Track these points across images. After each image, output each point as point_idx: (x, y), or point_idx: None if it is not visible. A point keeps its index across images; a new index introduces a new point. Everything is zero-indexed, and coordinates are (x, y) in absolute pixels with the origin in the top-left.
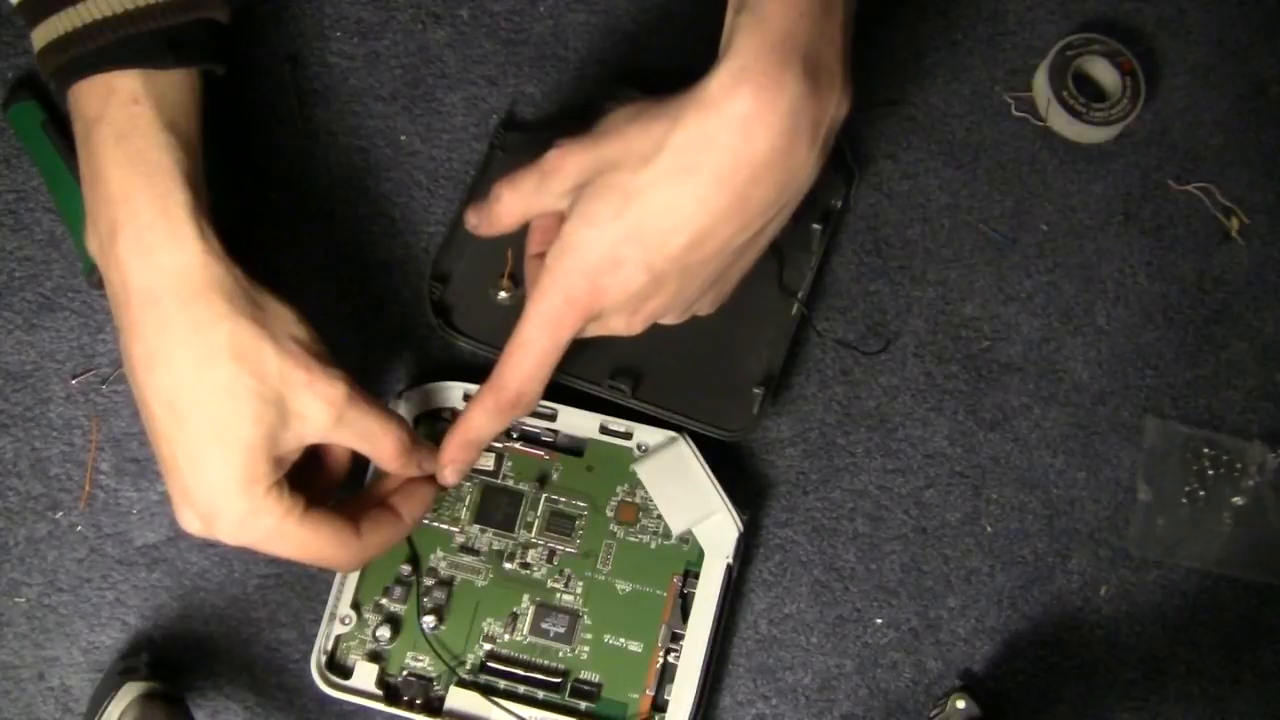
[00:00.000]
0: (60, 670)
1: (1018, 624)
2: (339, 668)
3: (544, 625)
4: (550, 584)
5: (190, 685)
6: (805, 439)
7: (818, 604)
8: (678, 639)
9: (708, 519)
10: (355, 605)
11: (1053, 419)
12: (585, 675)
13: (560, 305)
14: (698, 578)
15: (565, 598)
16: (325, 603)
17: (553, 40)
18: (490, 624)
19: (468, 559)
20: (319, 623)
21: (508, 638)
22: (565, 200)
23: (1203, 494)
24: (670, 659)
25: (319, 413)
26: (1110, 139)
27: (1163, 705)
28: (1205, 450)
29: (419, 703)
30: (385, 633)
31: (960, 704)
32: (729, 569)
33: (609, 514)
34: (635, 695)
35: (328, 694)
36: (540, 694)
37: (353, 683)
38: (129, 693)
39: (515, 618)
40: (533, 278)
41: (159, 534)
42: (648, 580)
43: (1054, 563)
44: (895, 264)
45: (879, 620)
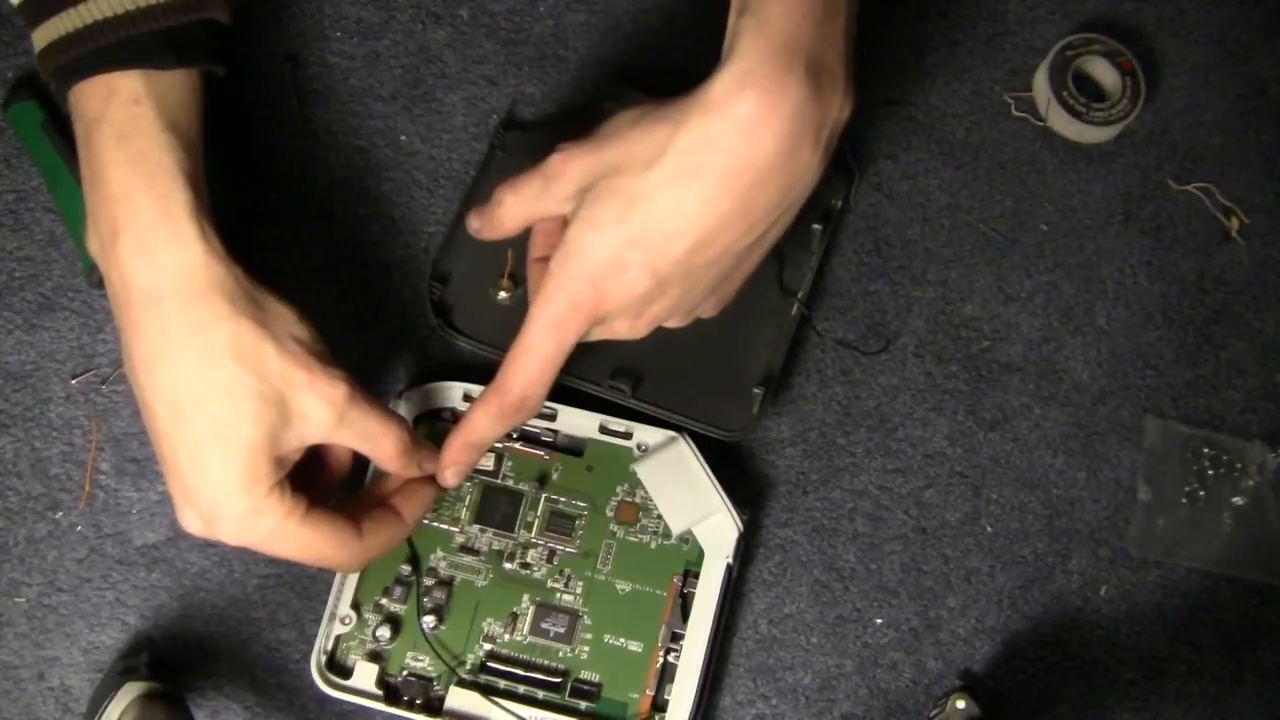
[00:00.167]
0: (60, 670)
1: (1018, 624)
2: (339, 668)
3: (544, 625)
4: (550, 584)
5: (190, 685)
6: (805, 439)
7: (818, 604)
8: (678, 639)
9: (708, 519)
10: (355, 605)
11: (1053, 419)
12: (585, 675)
13: (564, 309)
14: (698, 578)
15: (565, 598)
16: (325, 603)
17: (553, 40)
18: (490, 624)
19: (468, 559)
20: (319, 623)
21: (508, 638)
22: (568, 204)
23: (1203, 494)
24: (670, 659)
25: (320, 413)
26: (1110, 139)
27: (1163, 705)
28: (1205, 450)
29: (419, 703)
30: (385, 633)
31: (960, 704)
32: (729, 569)
33: (609, 514)
34: (635, 695)
35: (328, 694)
36: (540, 694)
37: (353, 683)
38: (129, 693)
39: (515, 618)
40: (536, 282)
41: (159, 534)
42: (648, 580)
43: (1054, 563)
44: (895, 264)
45: (879, 620)
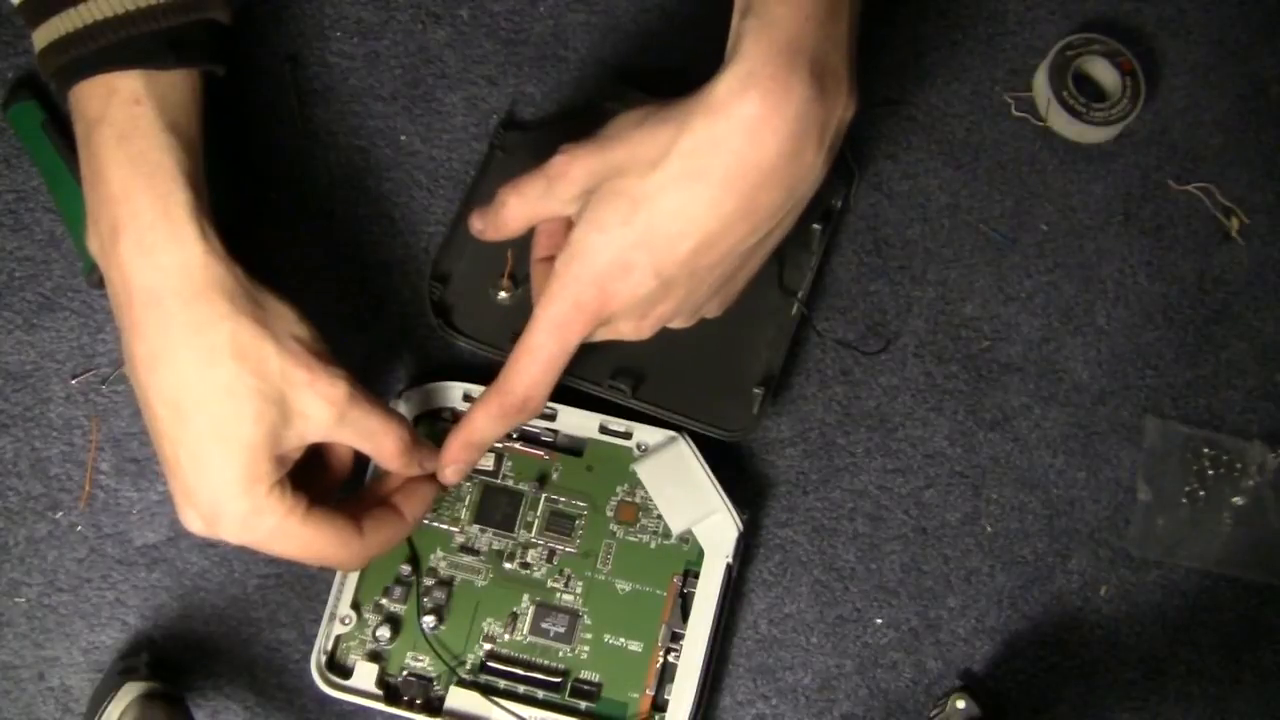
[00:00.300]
0: (60, 670)
1: (1018, 624)
2: (339, 668)
3: (544, 625)
4: (550, 584)
5: (190, 685)
6: (805, 439)
7: (818, 604)
8: (678, 639)
9: (707, 519)
10: (355, 605)
11: (1053, 419)
12: (585, 675)
13: (568, 311)
14: (698, 577)
15: (565, 597)
16: (325, 603)
17: (553, 40)
18: (490, 624)
19: (468, 559)
20: (319, 623)
21: (508, 638)
22: (572, 206)
23: (1203, 494)
24: (670, 659)
25: (321, 412)
26: (1110, 139)
27: (1163, 705)
28: (1205, 450)
29: (419, 703)
30: (385, 633)
31: (960, 704)
32: (729, 569)
33: (609, 514)
34: (635, 695)
35: (328, 694)
36: (540, 694)
37: (353, 683)
38: (129, 693)
39: (515, 618)
40: (539, 283)
41: (159, 534)
42: (648, 580)
43: (1054, 563)
44: (895, 264)
45: (879, 620)
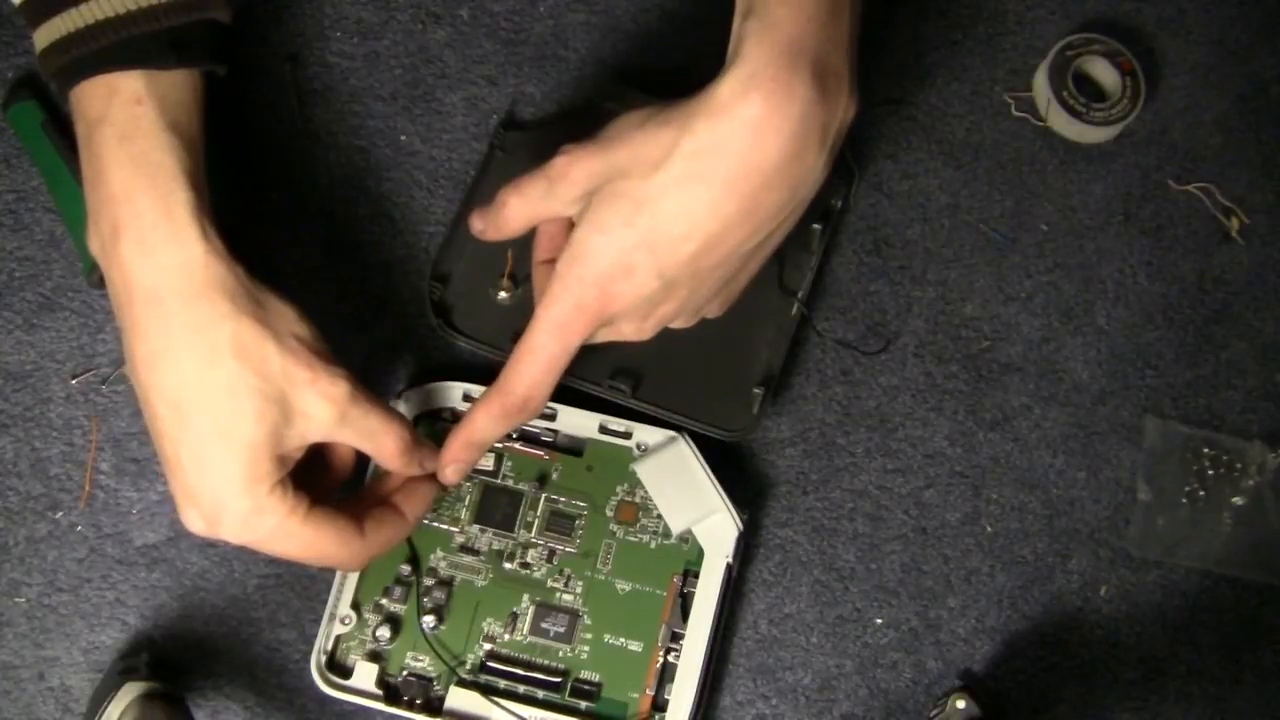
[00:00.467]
0: (60, 670)
1: (1018, 624)
2: (339, 668)
3: (544, 625)
4: (550, 584)
5: (190, 685)
6: (805, 439)
7: (818, 604)
8: (678, 638)
9: (707, 518)
10: (355, 605)
11: (1053, 419)
12: (585, 675)
13: (570, 312)
14: (698, 577)
15: (565, 597)
16: (325, 603)
17: (553, 40)
18: (490, 624)
19: (468, 559)
20: (319, 623)
21: (508, 638)
22: (573, 207)
23: (1203, 494)
24: (670, 658)
25: (322, 411)
26: (1110, 139)
27: (1163, 705)
28: (1205, 450)
29: (419, 703)
30: (385, 633)
31: (960, 704)
32: (729, 568)
33: (609, 514)
34: (635, 695)
35: (328, 694)
36: (540, 694)
37: (353, 683)
38: (129, 693)
39: (515, 618)
40: (541, 284)
41: (159, 534)
42: (647, 580)
43: (1054, 563)
44: (895, 264)
45: (879, 620)
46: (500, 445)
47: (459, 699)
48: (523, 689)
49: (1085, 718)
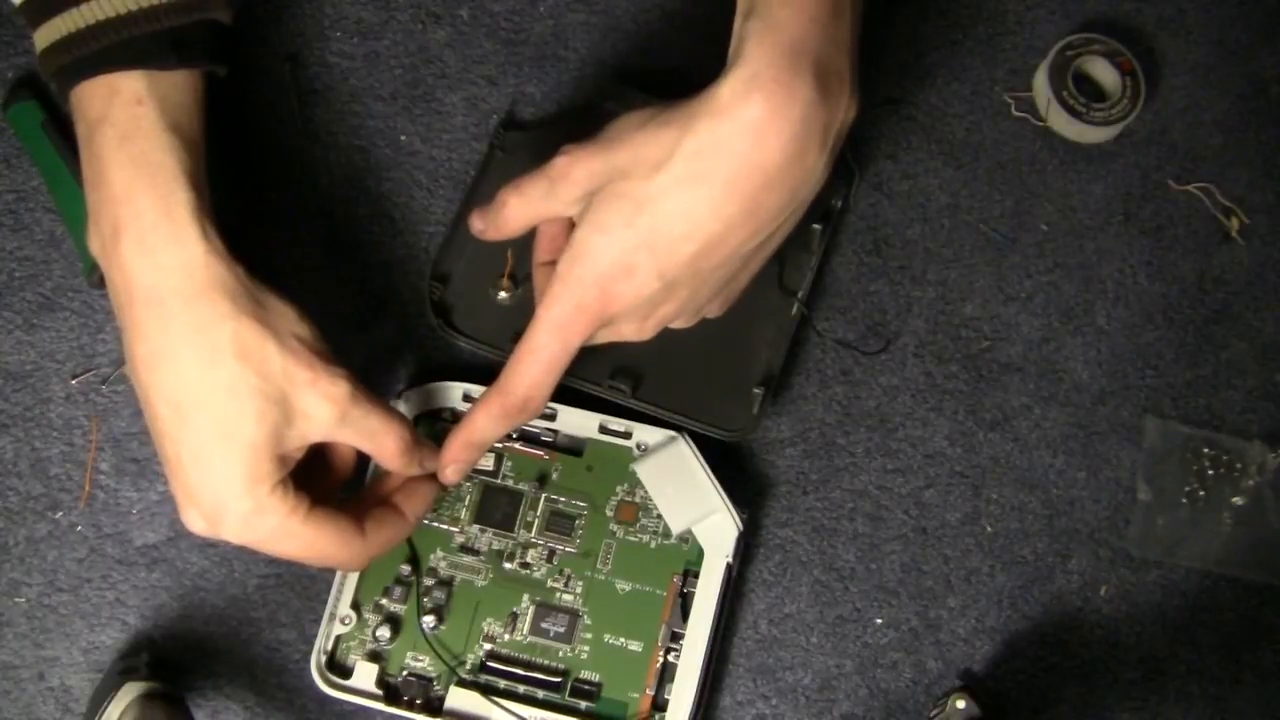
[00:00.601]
0: (60, 670)
1: (1018, 624)
2: (339, 668)
3: (544, 625)
4: (550, 584)
5: (190, 685)
6: (805, 439)
7: (818, 604)
8: (678, 638)
9: (707, 518)
10: (355, 605)
11: (1053, 419)
12: (585, 675)
13: (571, 312)
14: (697, 577)
15: (565, 597)
16: (325, 603)
17: (553, 40)
18: (490, 624)
19: (468, 559)
20: (319, 623)
21: (508, 637)
22: (574, 207)
23: (1203, 494)
24: (670, 658)
25: (322, 411)
26: (1110, 139)
27: (1163, 705)
28: (1205, 450)
29: (419, 703)
30: (385, 633)
31: (960, 704)
32: (729, 568)
33: (609, 514)
34: (635, 695)
35: (328, 694)
36: (540, 694)
37: (353, 683)
38: (129, 693)
39: (515, 617)
40: (541, 285)
41: (159, 534)
42: (647, 580)
43: (1054, 563)
44: (895, 264)
45: (879, 620)
46: (500, 445)
47: (459, 699)
48: (523, 689)
49: (1085, 718)
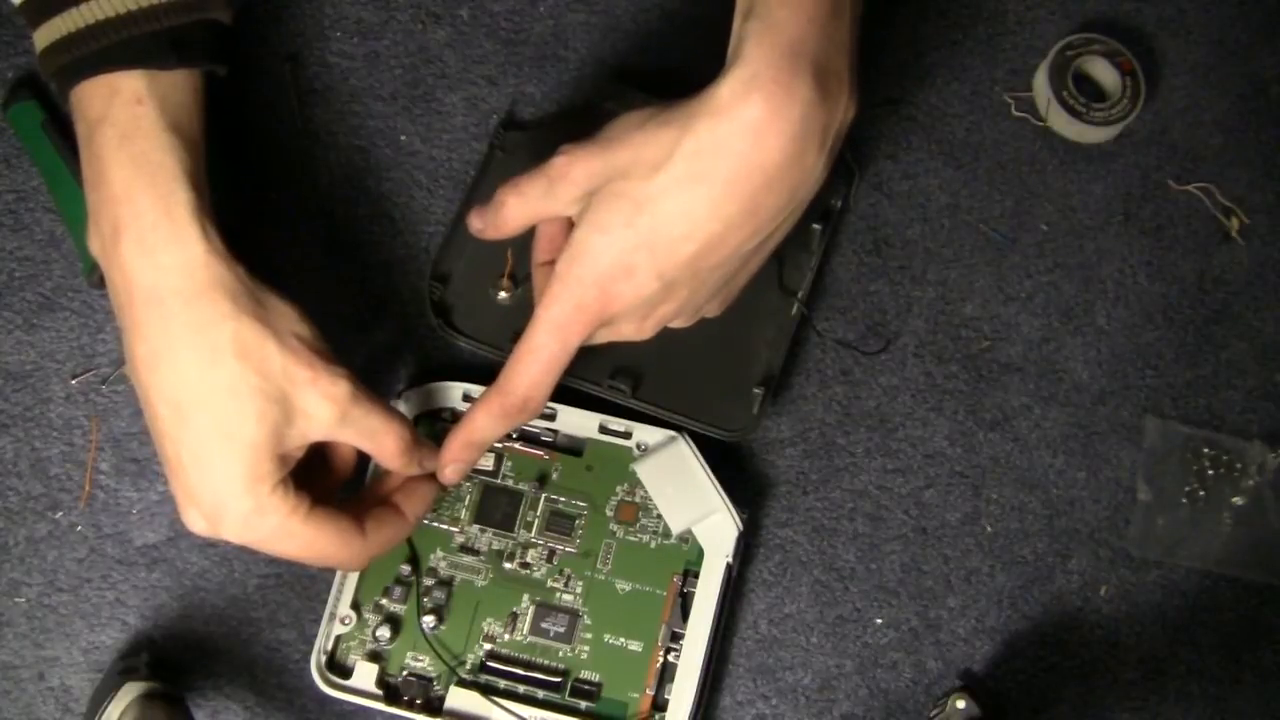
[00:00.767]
0: (60, 670)
1: (1018, 624)
2: (339, 668)
3: (544, 625)
4: (550, 584)
5: (190, 685)
6: (805, 439)
7: (818, 604)
8: (678, 638)
9: (707, 518)
10: (355, 605)
11: (1053, 419)
12: (585, 675)
13: (570, 312)
14: (697, 577)
15: (565, 597)
16: (325, 603)
17: (553, 40)
18: (490, 624)
19: (467, 559)
20: (319, 623)
21: (508, 637)
22: (573, 207)
23: (1203, 494)
24: (670, 658)
25: (323, 410)
26: (1110, 139)
27: (1163, 705)
28: (1205, 450)
29: (419, 703)
30: (385, 633)
31: (960, 704)
32: (729, 568)
33: (609, 514)
34: (635, 695)
35: (328, 694)
36: (540, 694)
37: (353, 683)
38: (129, 693)
39: (515, 617)
40: (541, 285)
41: (159, 534)
42: (647, 580)
43: (1054, 563)
44: (895, 264)
45: (879, 620)
46: (500, 445)
47: (459, 699)
48: (523, 689)
49: (1085, 718)
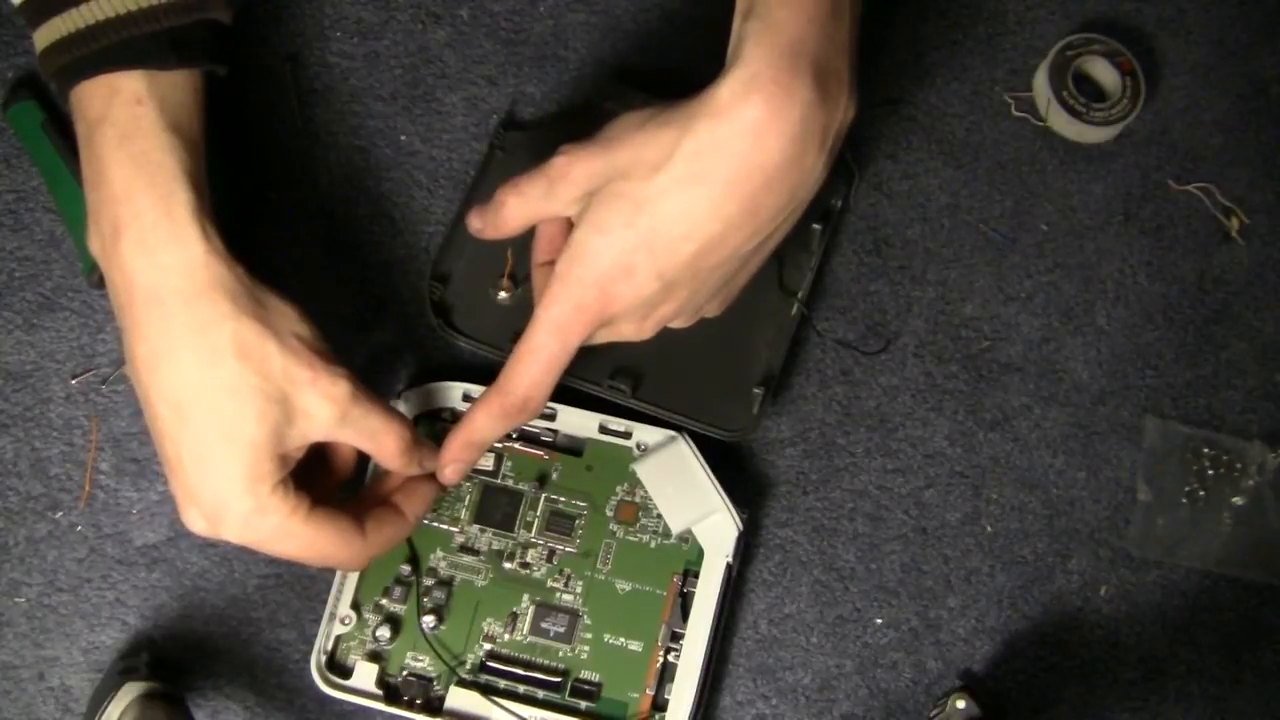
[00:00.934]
0: (60, 670)
1: (1018, 624)
2: (339, 668)
3: (544, 625)
4: (550, 584)
5: (190, 685)
6: (805, 439)
7: (818, 604)
8: (678, 638)
9: (707, 518)
10: (355, 605)
11: (1053, 419)
12: (585, 675)
13: (570, 312)
14: (697, 577)
15: (565, 597)
16: (325, 603)
17: (553, 40)
18: (490, 624)
19: (467, 559)
20: (319, 623)
21: (508, 637)
22: (573, 207)
23: (1203, 494)
24: (670, 658)
25: (323, 410)
26: (1110, 139)
27: (1163, 705)
28: (1205, 450)
29: (419, 703)
30: (385, 633)
31: (960, 704)
32: (729, 568)
33: (609, 513)
34: (635, 695)
35: (328, 694)
36: (540, 694)
37: (353, 683)
38: (129, 693)
39: (515, 617)
40: (541, 285)
41: (159, 534)
42: (647, 580)
43: (1054, 563)
44: (895, 264)
45: (879, 620)
46: (500, 445)
47: (459, 699)
48: (523, 689)
49: (1085, 718)
